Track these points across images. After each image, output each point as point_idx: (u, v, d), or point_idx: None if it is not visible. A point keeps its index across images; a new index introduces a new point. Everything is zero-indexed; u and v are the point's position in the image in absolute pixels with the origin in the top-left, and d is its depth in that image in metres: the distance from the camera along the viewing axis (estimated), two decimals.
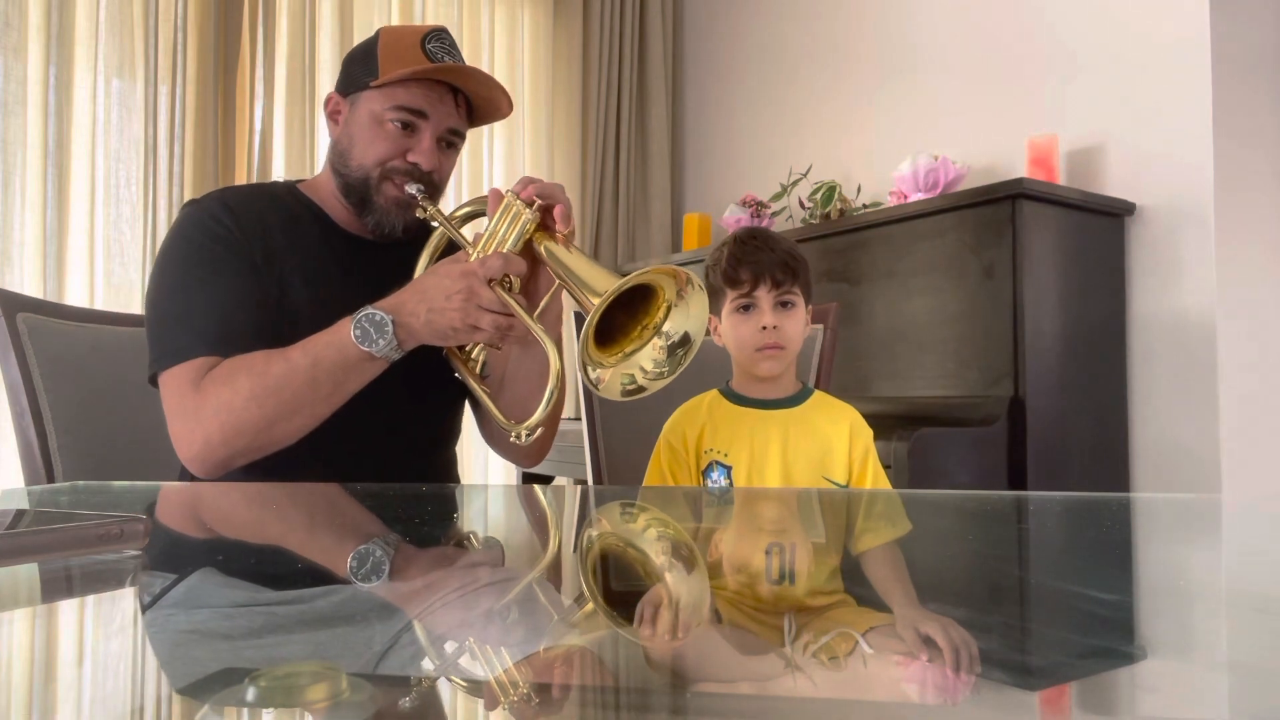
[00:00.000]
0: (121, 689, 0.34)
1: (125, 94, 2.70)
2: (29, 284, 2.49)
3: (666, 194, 3.77)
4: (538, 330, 1.04)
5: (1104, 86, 2.44)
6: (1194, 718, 0.32)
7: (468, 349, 1.21)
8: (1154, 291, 2.33)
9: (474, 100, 1.27)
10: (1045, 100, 2.56)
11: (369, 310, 1.07)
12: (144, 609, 0.44)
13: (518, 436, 1.09)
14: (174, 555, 0.61)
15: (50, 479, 1.28)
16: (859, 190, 2.94)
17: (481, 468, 3.33)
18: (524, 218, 1.09)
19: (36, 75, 2.54)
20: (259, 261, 1.17)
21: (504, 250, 1.08)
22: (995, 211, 2.22)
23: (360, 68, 1.24)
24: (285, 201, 1.27)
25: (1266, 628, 0.41)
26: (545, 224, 1.10)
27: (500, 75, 3.49)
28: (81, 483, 1.15)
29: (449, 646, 0.39)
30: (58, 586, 0.50)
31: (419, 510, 0.87)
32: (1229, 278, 2.24)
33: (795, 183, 3.10)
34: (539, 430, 1.08)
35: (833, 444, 1.28)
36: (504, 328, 1.06)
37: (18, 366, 1.29)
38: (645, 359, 1.00)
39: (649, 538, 0.73)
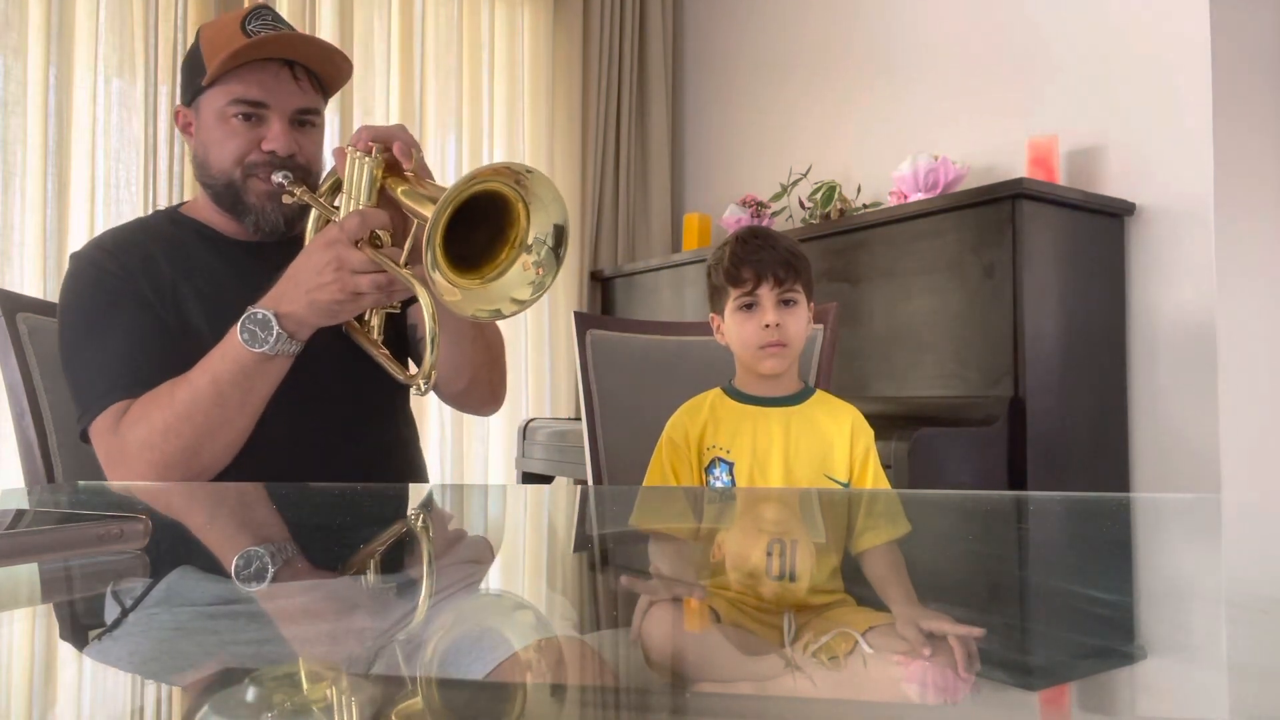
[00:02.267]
0: (121, 689, 0.34)
1: (125, 94, 2.70)
2: (29, 284, 2.49)
3: (666, 194, 3.77)
4: (405, 276, 0.99)
5: (1104, 86, 2.44)
6: (1194, 718, 0.32)
7: (368, 319, 1.16)
8: (1154, 291, 2.33)
9: (315, 70, 1.23)
10: (1045, 100, 2.56)
11: (251, 311, 1.04)
12: (139, 609, 0.44)
13: (418, 389, 1.06)
14: (174, 555, 0.61)
15: (50, 479, 1.28)
16: (859, 190, 2.94)
17: (482, 467, 3.33)
18: (367, 166, 1.06)
19: (36, 75, 2.54)
20: (149, 293, 1.16)
21: (360, 206, 1.05)
22: (995, 211, 2.22)
23: (192, 71, 1.22)
24: (165, 230, 1.26)
25: (1266, 628, 0.41)
26: (392, 167, 1.07)
27: (500, 75, 3.49)
28: (81, 483, 1.15)
29: (445, 644, 0.39)
30: (58, 586, 0.50)
31: (411, 510, 0.87)
32: (1229, 277, 2.24)
33: (795, 183, 3.10)
34: (434, 374, 1.04)
35: (834, 442, 1.29)
36: (384, 285, 1.02)
37: (18, 366, 1.29)
38: (515, 280, 0.97)
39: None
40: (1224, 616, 0.45)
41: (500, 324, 1.32)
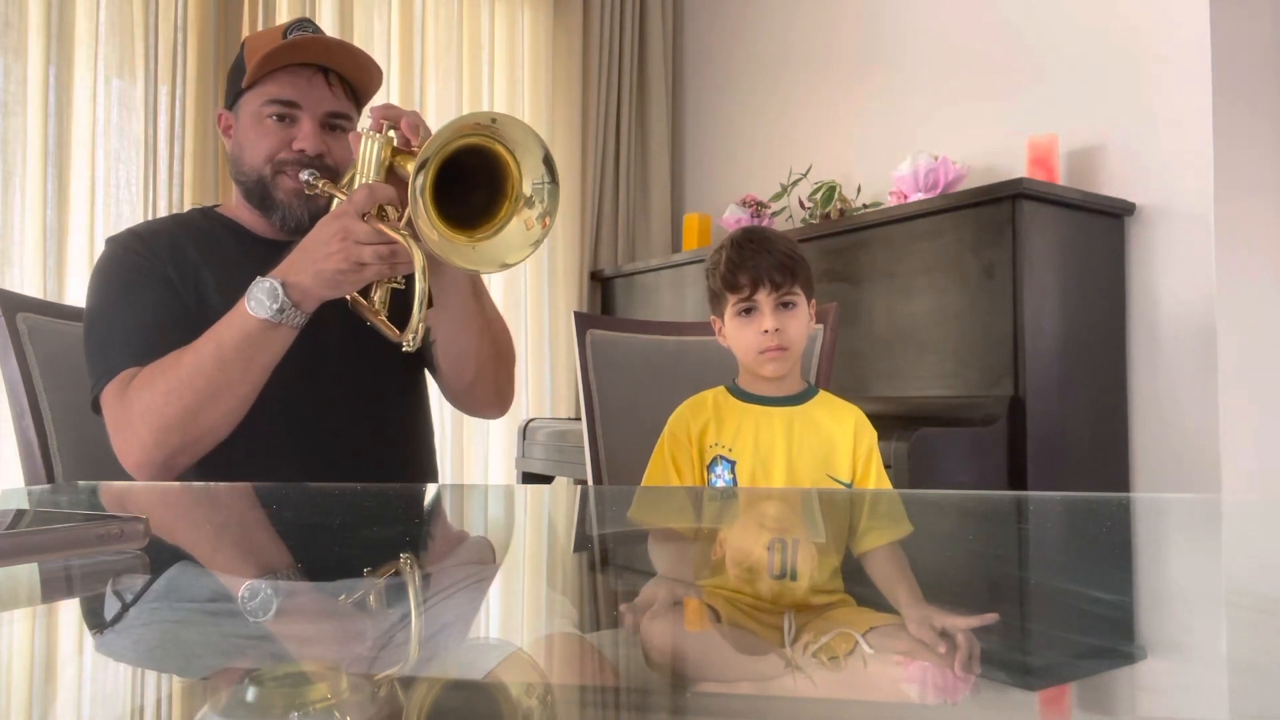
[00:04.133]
0: (121, 689, 0.34)
1: (125, 94, 2.70)
2: (29, 284, 2.49)
3: (666, 194, 3.77)
4: (404, 237, 1.02)
5: (1104, 86, 2.44)
6: (1194, 718, 0.32)
7: (372, 293, 1.17)
8: (1154, 291, 2.33)
9: (348, 76, 1.28)
10: (1045, 100, 2.56)
11: (259, 280, 1.08)
12: (139, 604, 0.44)
13: (407, 343, 1.06)
14: (174, 555, 0.61)
15: (50, 479, 1.28)
16: (859, 190, 2.94)
17: (482, 467, 3.33)
18: (377, 143, 1.10)
19: (36, 75, 2.53)
20: (173, 275, 1.21)
21: (369, 182, 1.09)
22: (995, 211, 2.22)
23: (234, 77, 1.28)
24: (198, 224, 1.31)
25: (1266, 628, 0.41)
26: (402, 147, 1.11)
27: (500, 75, 3.49)
28: (81, 483, 1.15)
29: (444, 643, 0.39)
30: (58, 586, 0.50)
31: (410, 510, 0.87)
32: (1229, 278, 2.24)
33: (795, 183, 3.10)
34: (421, 328, 1.05)
35: (837, 442, 1.28)
36: (387, 256, 1.05)
37: (18, 366, 1.29)
38: (515, 237, 1.02)
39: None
40: (1224, 616, 0.45)
41: None
